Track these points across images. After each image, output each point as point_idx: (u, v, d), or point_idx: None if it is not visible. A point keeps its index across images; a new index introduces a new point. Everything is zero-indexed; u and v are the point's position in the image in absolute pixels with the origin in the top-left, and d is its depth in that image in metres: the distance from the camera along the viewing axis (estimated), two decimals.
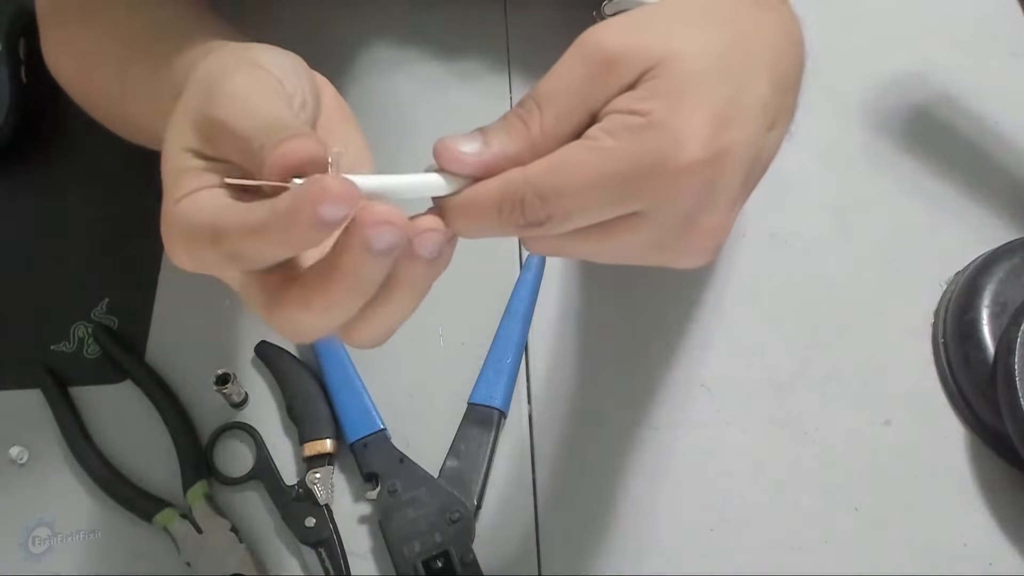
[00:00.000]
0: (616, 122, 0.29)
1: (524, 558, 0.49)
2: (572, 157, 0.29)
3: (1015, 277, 0.52)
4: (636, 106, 0.29)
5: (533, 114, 0.30)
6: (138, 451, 0.53)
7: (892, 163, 0.60)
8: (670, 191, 0.29)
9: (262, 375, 0.54)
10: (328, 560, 0.48)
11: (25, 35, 0.64)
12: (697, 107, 0.29)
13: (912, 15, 0.67)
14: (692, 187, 0.29)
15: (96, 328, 0.56)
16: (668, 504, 0.50)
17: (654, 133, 0.28)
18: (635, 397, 0.53)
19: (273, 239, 0.26)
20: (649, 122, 0.28)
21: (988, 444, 0.50)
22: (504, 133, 0.30)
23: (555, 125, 0.30)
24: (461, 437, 0.50)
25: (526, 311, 0.54)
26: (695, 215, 0.30)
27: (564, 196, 0.29)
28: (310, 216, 0.25)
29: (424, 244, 0.28)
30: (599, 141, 0.29)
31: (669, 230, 0.30)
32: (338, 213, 0.25)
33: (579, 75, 0.30)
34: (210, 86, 0.31)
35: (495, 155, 0.29)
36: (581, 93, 0.29)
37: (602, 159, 0.28)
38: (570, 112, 0.30)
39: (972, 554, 0.48)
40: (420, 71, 0.65)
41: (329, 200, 0.25)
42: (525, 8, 0.67)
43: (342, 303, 0.28)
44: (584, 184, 0.28)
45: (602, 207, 0.29)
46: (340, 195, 0.25)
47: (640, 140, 0.28)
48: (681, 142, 0.28)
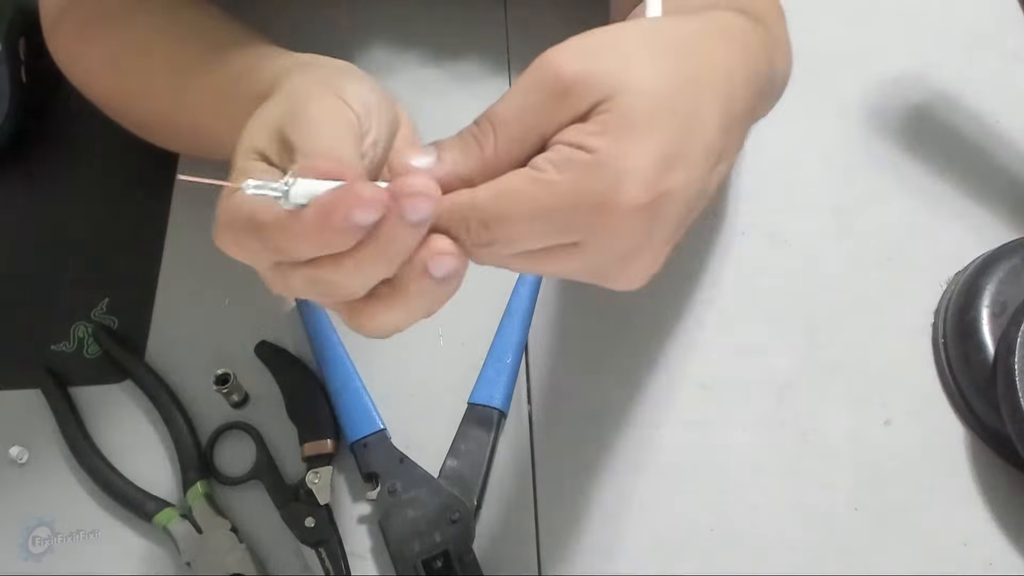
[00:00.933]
0: (563, 155, 0.29)
1: (524, 558, 0.49)
2: (517, 187, 0.29)
3: (1015, 277, 0.52)
4: (584, 141, 0.29)
5: (487, 135, 0.30)
6: (138, 451, 0.53)
7: (892, 163, 0.60)
8: (608, 230, 0.29)
9: (262, 375, 0.54)
10: (328, 560, 0.48)
11: (25, 35, 0.64)
12: (642, 148, 0.29)
13: (912, 15, 0.67)
14: (630, 228, 0.29)
15: (96, 328, 0.56)
16: (668, 504, 0.50)
17: (598, 172, 0.29)
18: (635, 397, 0.53)
19: (308, 238, 0.28)
20: (595, 160, 0.29)
21: (988, 444, 0.50)
22: (458, 151, 0.31)
23: (507, 149, 0.30)
24: (461, 437, 0.50)
25: (526, 311, 0.54)
26: (629, 252, 0.31)
27: (507, 224, 0.29)
28: (344, 219, 0.27)
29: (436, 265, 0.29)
30: (545, 173, 0.29)
31: (603, 260, 0.31)
32: (371, 218, 0.27)
33: (534, 100, 0.30)
34: (295, 106, 0.34)
35: (447, 172, 0.30)
36: (535, 119, 0.30)
37: (546, 193, 0.29)
38: (522, 137, 0.30)
39: (972, 554, 0.48)
40: (420, 72, 0.65)
41: (363, 206, 0.27)
42: (525, 8, 0.67)
43: (370, 267, 0.29)
44: (527, 215, 0.29)
45: (542, 237, 0.30)
46: (374, 201, 0.27)
47: (583, 178, 0.29)
48: (623, 184, 0.29)
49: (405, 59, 0.66)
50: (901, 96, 0.63)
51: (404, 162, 0.30)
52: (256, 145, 0.34)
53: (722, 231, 0.58)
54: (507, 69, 0.65)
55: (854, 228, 0.58)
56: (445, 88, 0.64)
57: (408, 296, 0.30)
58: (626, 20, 0.39)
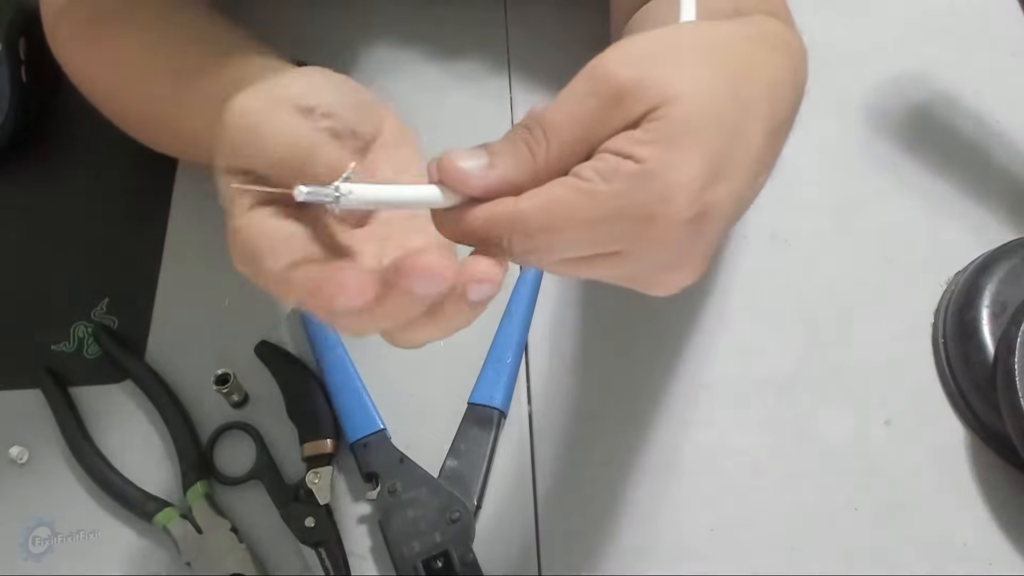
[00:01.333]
0: (610, 164, 0.29)
1: (524, 558, 0.49)
2: (563, 198, 0.29)
3: (1015, 277, 0.52)
4: (632, 150, 0.29)
5: (540, 144, 0.30)
6: (138, 451, 0.53)
7: (892, 163, 0.60)
8: (652, 241, 0.29)
9: (262, 375, 0.54)
10: (328, 560, 0.48)
11: (25, 35, 0.64)
12: (691, 160, 0.29)
13: (912, 15, 0.67)
14: (675, 240, 0.29)
15: (96, 328, 0.56)
16: (668, 504, 0.50)
17: (645, 183, 0.28)
18: (635, 397, 0.53)
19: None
20: (643, 170, 0.28)
21: (988, 444, 0.50)
22: (511, 159, 0.30)
23: (559, 158, 0.30)
24: (461, 437, 0.50)
25: (526, 311, 0.54)
26: (672, 262, 0.31)
27: (550, 235, 0.29)
28: (327, 303, 0.28)
29: (475, 291, 0.29)
30: (591, 184, 0.29)
31: (645, 270, 0.31)
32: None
33: (588, 107, 0.29)
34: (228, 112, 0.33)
35: (499, 180, 0.30)
36: (588, 126, 0.29)
37: (592, 204, 0.29)
38: (574, 145, 0.30)
39: (972, 554, 0.48)
40: (420, 72, 0.65)
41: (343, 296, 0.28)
42: (525, 8, 0.67)
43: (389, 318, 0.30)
44: (571, 227, 0.29)
45: (585, 248, 0.30)
46: (354, 291, 0.28)
47: (630, 189, 0.28)
48: (671, 196, 0.28)
49: (406, 58, 0.66)
50: (901, 96, 0.63)
51: (455, 165, 0.29)
52: (226, 166, 0.33)
53: None
54: (507, 68, 0.65)
55: (854, 228, 0.58)
56: (446, 87, 0.64)
57: (445, 318, 0.30)
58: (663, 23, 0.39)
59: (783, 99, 0.34)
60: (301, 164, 0.31)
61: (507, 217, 0.29)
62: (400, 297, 0.28)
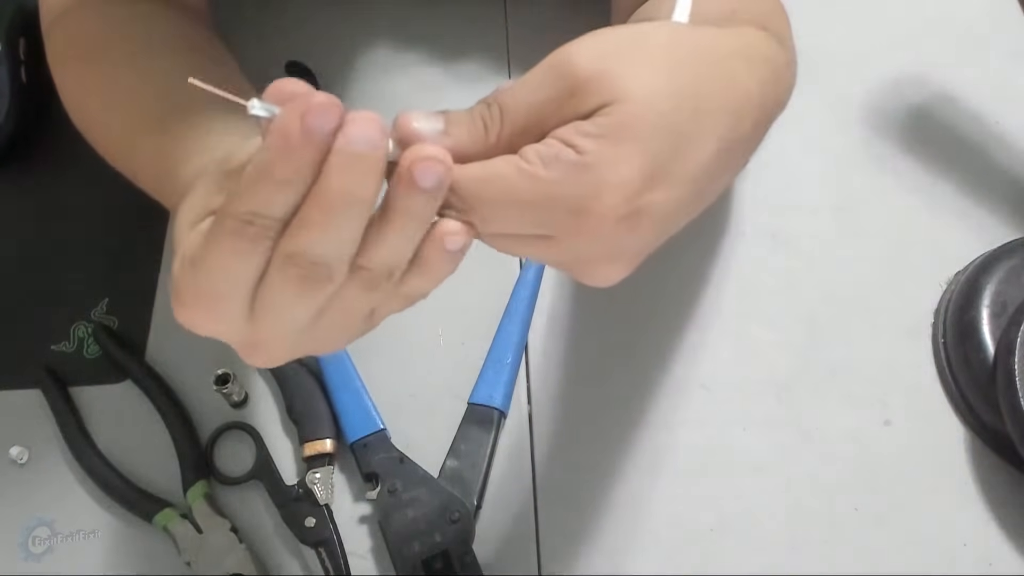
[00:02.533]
0: (553, 150, 0.29)
1: (524, 558, 0.49)
2: (502, 174, 0.29)
3: (1015, 277, 0.52)
4: (576, 140, 0.29)
5: (495, 121, 0.30)
6: (138, 451, 0.53)
7: (892, 163, 0.60)
8: (581, 233, 0.29)
9: (262, 375, 0.54)
10: (328, 560, 0.48)
11: (25, 35, 0.64)
12: (631, 159, 0.29)
13: (912, 15, 0.67)
14: (603, 236, 0.29)
15: (96, 328, 0.56)
16: (668, 504, 0.50)
17: (583, 176, 0.29)
18: (635, 397, 0.53)
19: (273, 175, 0.27)
20: (582, 162, 0.29)
21: (988, 444, 0.50)
22: (466, 130, 0.30)
23: (510, 138, 0.30)
24: (461, 437, 0.50)
25: (526, 311, 0.54)
26: (599, 257, 0.31)
27: (484, 208, 0.29)
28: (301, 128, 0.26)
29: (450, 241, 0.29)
30: (532, 166, 0.29)
31: (575, 259, 0.31)
32: (329, 124, 0.26)
33: (546, 95, 0.30)
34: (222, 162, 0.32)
35: (450, 148, 0.30)
36: (542, 114, 0.30)
37: (528, 186, 0.29)
38: (527, 129, 0.30)
39: (972, 554, 0.48)
40: (420, 73, 0.65)
41: (314, 111, 0.26)
42: (525, 8, 0.67)
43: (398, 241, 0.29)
44: (505, 204, 0.29)
45: (517, 226, 0.30)
46: (323, 104, 0.26)
47: (567, 179, 0.29)
48: (604, 193, 0.29)
49: (406, 59, 0.66)
50: (901, 96, 0.63)
51: (410, 124, 0.30)
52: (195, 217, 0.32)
53: (722, 231, 0.58)
54: (507, 68, 0.65)
55: (854, 228, 0.58)
56: (446, 87, 0.64)
57: (428, 266, 0.30)
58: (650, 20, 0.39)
59: (748, 115, 0.34)
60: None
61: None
62: (411, 197, 0.28)
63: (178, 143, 0.43)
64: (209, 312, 0.31)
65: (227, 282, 0.30)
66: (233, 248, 0.29)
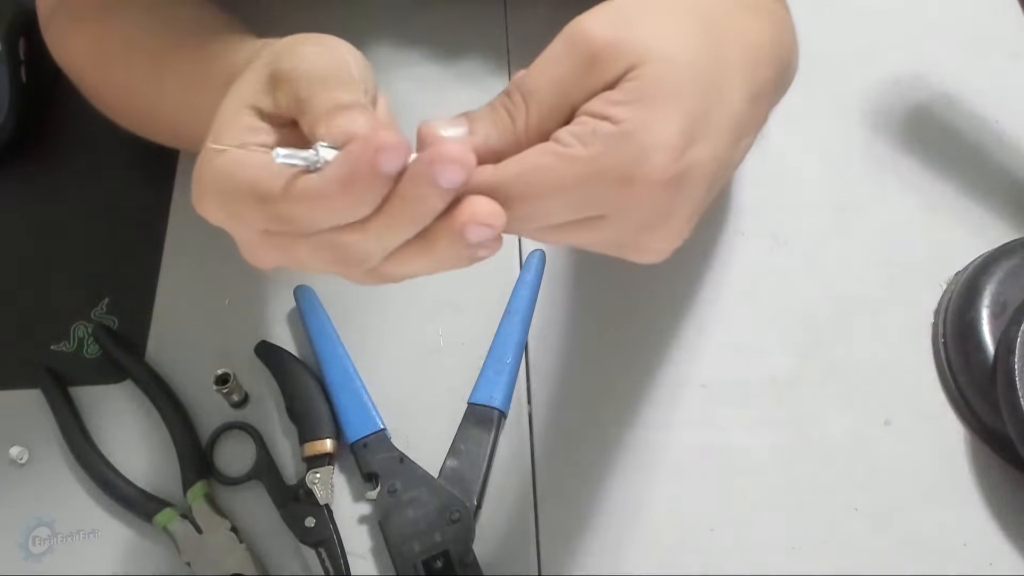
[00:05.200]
0: (588, 127, 0.29)
1: (524, 558, 0.49)
2: (542, 165, 0.29)
3: (1015, 277, 0.52)
4: (609, 111, 0.29)
5: (519, 108, 0.30)
6: (138, 451, 0.53)
7: (892, 163, 0.60)
8: (632, 203, 0.29)
9: (262, 375, 0.54)
10: (328, 560, 0.48)
11: (25, 35, 0.64)
12: (668, 120, 0.29)
13: (912, 15, 0.67)
14: (654, 201, 0.29)
15: (96, 328, 0.56)
16: (668, 504, 0.50)
17: (623, 144, 0.28)
18: (635, 397, 0.53)
19: (333, 201, 0.27)
20: (620, 131, 0.28)
21: (988, 444, 0.50)
22: (491, 124, 0.30)
23: (539, 122, 0.30)
24: (461, 437, 0.50)
25: (526, 311, 0.54)
26: (654, 224, 0.30)
27: (529, 203, 0.29)
28: (370, 172, 0.26)
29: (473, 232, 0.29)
30: (569, 148, 0.28)
31: (627, 234, 0.31)
32: (397, 166, 0.27)
33: (566, 70, 0.30)
34: (282, 49, 0.33)
35: (477, 147, 0.30)
36: (566, 89, 0.30)
37: (569, 168, 0.28)
38: (554, 109, 0.30)
39: (972, 554, 0.48)
40: (420, 72, 0.65)
41: (389, 152, 0.26)
42: (525, 8, 0.67)
43: (399, 228, 0.29)
44: (549, 192, 0.29)
45: (566, 213, 0.29)
46: (398, 147, 0.27)
47: (608, 151, 0.28)
48: (649, 157, 0.28)
49: (406, 58, 0.66)
50: (901, 96, 0.63)
51: (434, 132, 0.30)
52: (246, 97, 0.32)
53: (722, 231, 0.58)
54: (507, 68, 0.65)
55: (854, 228, 0.58)
56: (446, 87, 0.64)
57: (438, 253, 0.29)
58: None
59: (764, 64, 0.34)
60: (318, 97, 0.30)
61: (485, 185, 0.29)
62: (422, 188, 0.27)
63: (210, 49, 0.44)
64: (222, 222, 0.31)
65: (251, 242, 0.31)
66: (269, 244, 0.30)
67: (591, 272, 0.57)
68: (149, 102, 0.51)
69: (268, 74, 0.32)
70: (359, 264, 0.29)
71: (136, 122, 0.56)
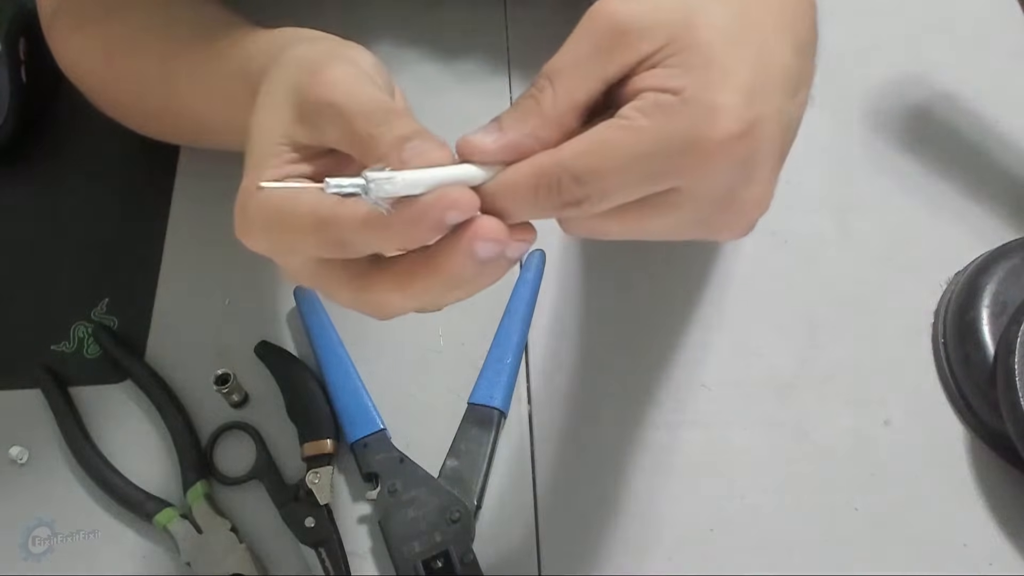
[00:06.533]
0: (648, 100, 0.29)
1: (524, 558, 0.49)
2: (606, 137, 0.29)
3: (1015, 277, 0.52)
4: (668, 84, 0.29)
5: (544, 90, 0.30)
6: (138, 451, 0.53)
7: (892, 163, 0.60)
8: (707, 167, 0.29)
9: (262, 375, 0.54)
10: (328, 560, 0.48)
11: (25, 35, 0.64)
12: (727, 79, 0.29)
13: (912, 15, 0.67)
14: (729, 161, 0.29)
15: (96, 328, 0.56)
16: (668, 504, 0.50)
17: (687, 110, 0.28)
18: (635, 397, 0.53)
19: (391, 234, 0.29)
20: (682, 99, 0.28)
21: (988, 444, 0.50)
22: (516, 112, 0.30)
23: (567, 98, 0.30)
24: (461, 437, 0.50)
25: (526, 311, 0.54)
26: (735, 189, 0.30)
27: (599, 176, 0.29)
28: (436, 220, 0.28)
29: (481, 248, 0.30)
30: (633, 120, 0.29)
31: (709, 205, 0.30)
32: (460, 219, 0.28)
33: (587, 47, 0.30)
34: (311, 73, 0.33)
35: (510, 140, 0.30)
36: (590, 64, 0.30)
37: (637, 138, 0.29)
38: (580, 84, 0.30)
39: (972, 554, 0.48)
40: (420, 72, 0.65)
41: (457, 208, 0.28)
42: (525, 8, 0.67)
43: (435, 292, 0.30)
44: (620, 164, 0.29)
45: (639, 186, 0.29)
46: (467, 205, 0.28)
47: (674, 118, 0.28)
48: (714, 117, 0.28)
49: (405, 58, 0.66)
50: (901, 96, 0.63)
51: (470, 139, 0.30)
52: (283, 130, 0.33)
53: None
54: (507, 68, 0.65)
55: (854, 228, 0.58)
56: (446, 87, 0.64)
57: (440, 274, 0.30)
58: None
59: (800, 17, 0.34)
60: (380, 132, 0.31)
61: (551, 163, 0.29)
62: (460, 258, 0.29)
63: (220, 44, 0.45)
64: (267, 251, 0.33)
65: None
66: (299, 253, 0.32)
67: (591, 272, 0.57)
68: (161, 102, 0.51)
69: (297, 104, 0.33)
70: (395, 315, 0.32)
71: (144, 122, 0.56)
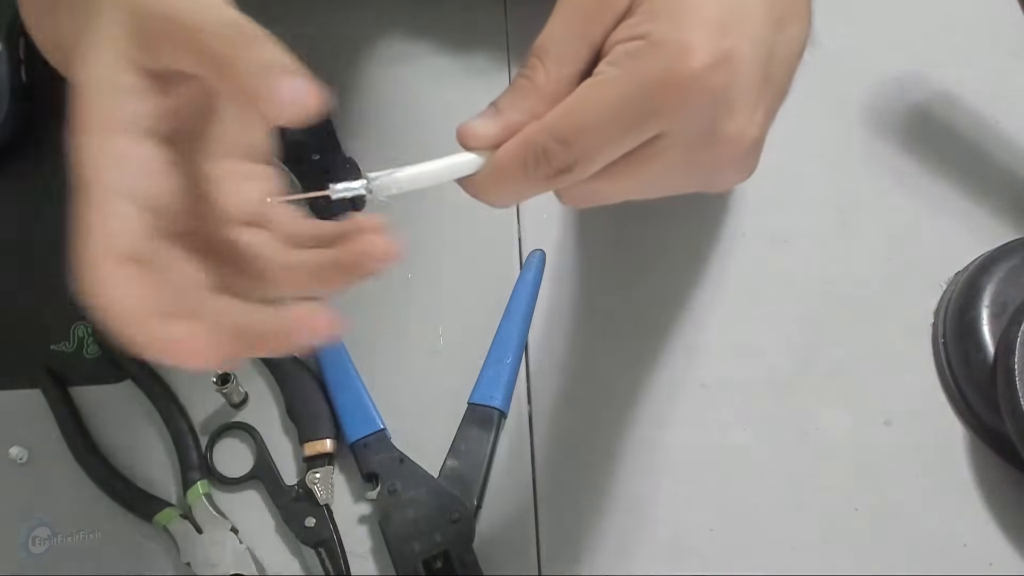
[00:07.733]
0: (618, 52, 0.29)
1: (524, 558, 0.49)
2: (582, 95, 0.29)
3: (1015, 277, 0.52)
4: (636, 31, 0.29)
5: (536, 68, 0.30)
6: (138, 451, 0.53)
7: (892, 163, 0.60)
8: (685, 104, 0.29)
9: (262, 375, 0.54)
10: (328, 560, 0.48)
11: (25, 35, 0.64)
12: (694, 16, 0.29)
13: (912, 15, 0.67)
14: (706, 95, 0.29)
15: (96, 328, 0.56)
16: (668, 504, 0.50)
17: (657, 51, 0.28)
18: (635, 397, 0.53)
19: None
20: (650, 43, 0.29)
21: (988, 444, 0.50)
22: (511, 93, 0.31)
23: (559, 69, 0.30)
24: (461, 437, 0.50)
25: (526, 311, 0.54)
26: (715, 124, 0.30)
27: (582, 134, 0.29)
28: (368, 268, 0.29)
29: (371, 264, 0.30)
30: (606, 73, 0.29)
31: (694, 146, 0.30)
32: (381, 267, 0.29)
33: (571, 15, 0.30)
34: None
35: (508, 117, 0.30)
36: (577, 32, 0.30)
37: (611, 88, 0.29)
38: (571, 53, 0.30)
39: (972, 554, 0.48)
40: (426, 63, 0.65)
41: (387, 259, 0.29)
42: (525, 7, 0.67)
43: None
44: (599, 117, 0.29)
45: (622, 136, 0.29)
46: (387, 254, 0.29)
47: (644, 61, 0.29)
48: (684, 53, 0.28)
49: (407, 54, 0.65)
50: (901, 96, 0.63)
51: (468, 129, 0.30)
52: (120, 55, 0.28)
53: (722, 231, 0.58)
54: (507, 68, 0.65)
55: (854, 228, 0.58)
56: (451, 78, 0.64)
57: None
58: None
59: None
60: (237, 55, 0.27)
61: (535, 132, 0.30)
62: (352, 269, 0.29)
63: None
64: None
65: None
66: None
67: (591, 272, 0.57)
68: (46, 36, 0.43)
69: (136, 26, 0.28)
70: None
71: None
